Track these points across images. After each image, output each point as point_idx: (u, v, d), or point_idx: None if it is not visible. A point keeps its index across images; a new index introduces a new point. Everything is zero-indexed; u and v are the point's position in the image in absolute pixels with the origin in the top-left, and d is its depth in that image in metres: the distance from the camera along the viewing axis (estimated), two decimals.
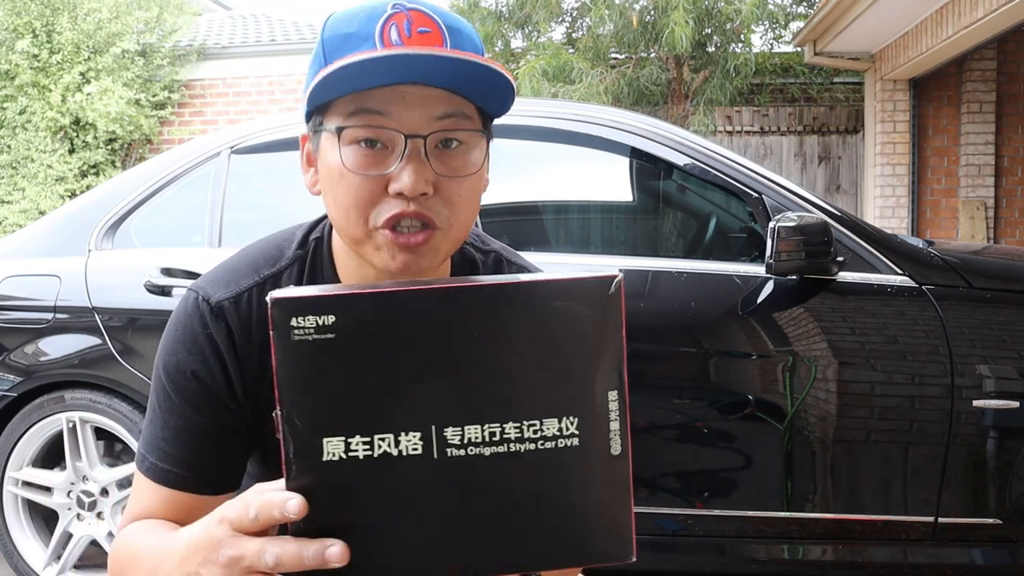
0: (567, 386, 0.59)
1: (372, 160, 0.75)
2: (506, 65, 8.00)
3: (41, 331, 2.41)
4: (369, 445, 0.57)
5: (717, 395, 2.13)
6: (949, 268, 2.13)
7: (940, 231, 7.17)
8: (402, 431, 0.57)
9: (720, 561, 2.15)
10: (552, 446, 0.59)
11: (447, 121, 0.76)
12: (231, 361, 0.83)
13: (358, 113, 0.75)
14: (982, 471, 2.06)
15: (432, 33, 0.75)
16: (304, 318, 0.56)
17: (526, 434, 0.59)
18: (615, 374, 0.60)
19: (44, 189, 7.75)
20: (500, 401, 0.58)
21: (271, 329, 0.56)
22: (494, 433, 0.58)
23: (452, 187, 0.77)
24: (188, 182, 2.51)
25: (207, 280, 0.87)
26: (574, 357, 0.59)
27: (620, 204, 2.69)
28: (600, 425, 0.60)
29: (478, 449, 0.58)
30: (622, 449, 0.60)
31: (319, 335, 0.56)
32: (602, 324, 0.59)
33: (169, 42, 8.38)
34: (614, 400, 0.60)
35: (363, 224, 0.76)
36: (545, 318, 0.58)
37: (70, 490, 2.44)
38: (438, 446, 0.58)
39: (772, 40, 7.87)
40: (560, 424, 0.59)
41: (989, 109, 7.00)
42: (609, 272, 0.60)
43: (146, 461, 0.84)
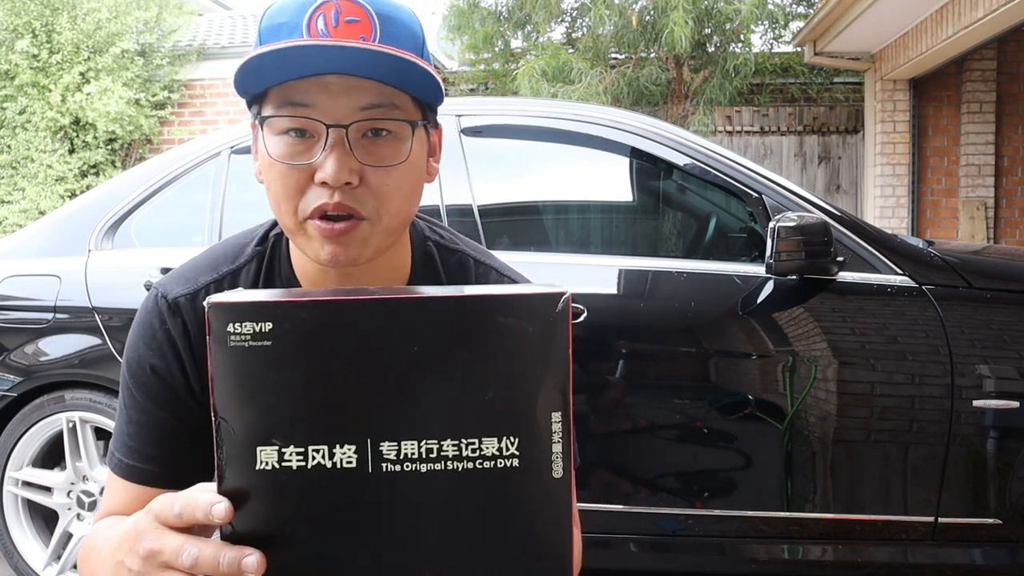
0: (509, 405, 0.57)
1: (298, 149, 0.75)
2: (505, 65, 8.01)
3: (41, 331, 2.41)
4: (303, 456, 0.56)
5: (717, 395, 2.13)
6: (949, 268, 2.13)
7: (940, 231, 7.17)
8: (337, 443, 0.56)
9: (720, 561, 2.15)
10: (491, 466, 0.57)
11: (373, 111, 0.75)
12: (187, 358, 0.83)
13: (284, 105, 0.75)
14: (982, 471, 2.06)
15: (361, 22, 0.74)
16: (241, 324, 0.55)
17: (464, 452, 0.57)
18: (560, 395, 0.58)
19: (44, 189, 7.75)
20: (439, 417, 0.57)
21: (207, 333, 0.55)
22: (431, 449, 0.57)
23: (379, 177, 0.76)
24: (188, 182, 2.52)
25: (168, 277, 0.88)
26: (517, 375, 0.57)
27: (620, 204, 2.69)
28: (542, 446, 0.58)
29: (414, 465, 0.57)
30: (564, 472, 0.58)
31: (255, 342, 0.55)
32: (548, 343, 0.57)
33: (169, 42, 8.38)
34: (557, 422, 0.58)
35: (293, 214, 0.77)
36: (488, 334, 0.57)
37: (70, 490, 2.44)
38: (373, 460, 0.56)
39: (772, 40, 7.87)
40: (500, 444, 0.57)
41: (989, 109, 7.00)
42: (556, 289, 0.58)
43: (114, 458, 0.85)
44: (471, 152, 2.38)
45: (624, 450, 2.18)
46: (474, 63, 8.45)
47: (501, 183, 2.54)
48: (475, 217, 2.31)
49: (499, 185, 2.52)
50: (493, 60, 8.19)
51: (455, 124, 2.39)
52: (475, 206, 2.33)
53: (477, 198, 2.34)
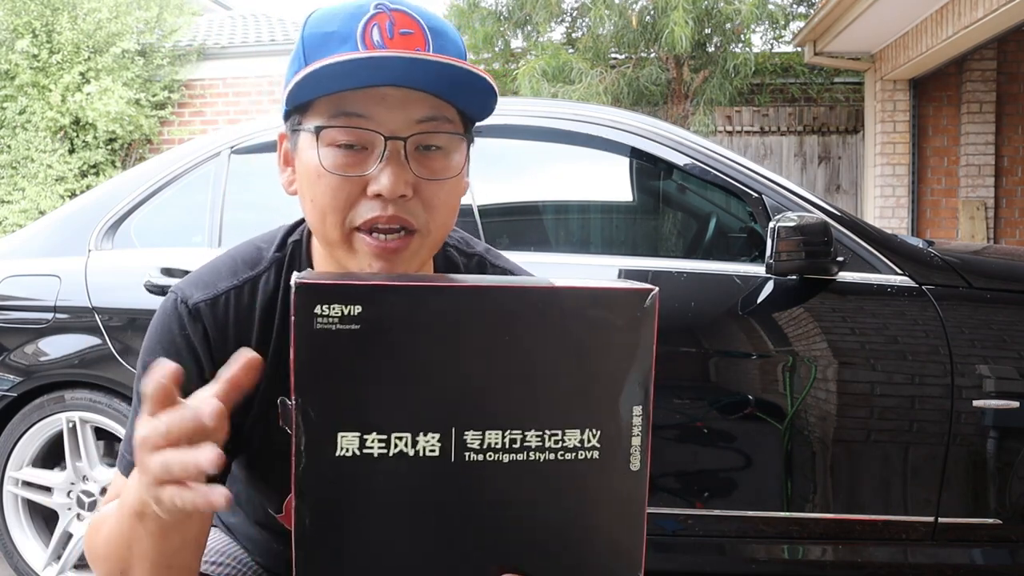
0: (592, 398, 0.57)
1: (351, 161, 0.74)
2: (505, 65, 8.01)
3: (41, 331, 2.41)
4: (385, 443, 0.55)
5: (717, 395, 2.13)
6: (949, 268, 2.13)
7: (940, 231, 7.17)
8: (421, 431, 0.55)
9: (720, 561, 2.15)
10: (572, 457, 0.57)
11: (428, 124, 0.75)
12: (207, 362, 0.82)
13: (338, 115, 0.73)
14: (982, 471, 2.06)
15: (415, 35, 0.74)
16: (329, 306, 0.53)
17: (547, 443, 0.57)
18: (642, 390, 0.59)
19: (44, 189, 7.75)
20: (523, 407, 0.56)
21: (293, 314, 0.53)
22: (514, 440, 0.56)
23: (431, 190, 0.76)
24: (188, 182, 2.51)
25: (187, 282, 0.87)
26: (602, 369, 0.57)
27: (620, 204, 2.69)
28: (622, 440, 0.58)
29: (497, 455, 0.56)
30: (641, 465, 0.59)
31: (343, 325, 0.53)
32: (634, 338, 0.58)
33: (169, 42, 8.38)
34: (638, 416, 0.59)
35: (340, 226, 0.75)
36: (576, 326, 0.56)
37: (70, 490, 2.44)
38: (456, 449, 0.55)
39: (772, 40, 7.88)
40: (582, 436, 0.57)
41: (989, 109, 7.00)
42: (645, 286, 0.58)
43: (125, 460, 0.83)
44: (471, 152, 2.38)
45: None
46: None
47: (501, 183, 2.54)
48: (475, 217, 2.31)
49: (499, 185, 2.52)
50: (493, 60, 8.19)
51: None
52: (475, 206, 2.33)
53: (477, 198, 2.34)
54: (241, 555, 1.06)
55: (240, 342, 0.84)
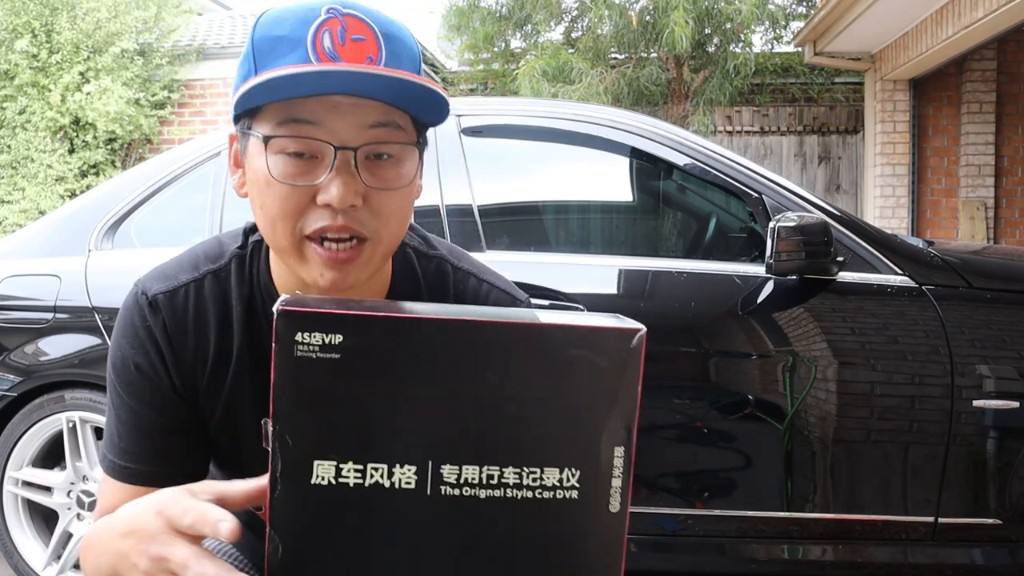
0: (573, 437, 0.57)
1: (300, 170, 0.73)
2: (505, 65, 8.01)
3: (41, 331, 2.41)
4: (361, 473, 0.55)
5: (717, 395, 2.13)
6: (949, 268, 2.13)
7: (940, 231, 7.17)
8: (397, 462, 0.55)
9: (720, 561, 2.15)
10: (550, 496, 0.57)
11: (379, 131, 0.74)
12: (168, 353, 0.83)
13: (288, 122, 0.72)
14: (982, 471, 2.06)
15: (367, 41, 0.72)
16: (311, 334, 0.53)
17: (525, 481, 0.56)
18: (624, 431, 0.57)
19: (44, 189, 7.75)
20: (502, 443, 0.56)
21: (274, 341, 0.54)
22: (492, 476, 0.56)
23: (382, 199, 0.75)
24: (188, 182, 2.51)
25: (149, 275, 0.88)
26: (585, 408, 0.57)
27: (620, 204, 2.69)
28: (602, 480, 0.57)
29: (473, 490, 0.56)
30: (621, 507, 0.58)
31: (324, 353, 0.54)
32: (619, 378, 0.57)
33: (169, 41, 8.38)
34: (619, 456, 0.58)
35: (290, 234, 0.75)
36: (561, 364, 0.56)
37: (70, 490, 2.44)
38: (432, 482, 0.55)
39: (772, 40, 7.87)
40: (561, 475, 0.57)
41: (989, 109, 7.00)
42: (632, 325, 0.57)
43: (106, 460, 0.84)
44: (471, 152, 2.38)
45: None
46: (474, 63, 8.44)
47: (501, 183, 2.54)
48: (475, 217, 2.31)
49: (499, 185, 2.52)
50: (493, 60, 8.19)
51: (455, 124, 2.38)
52: (475, 206, 2.33)
53: (477, 198, 2.34)
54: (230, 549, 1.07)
55: (199, 334, 0.84)
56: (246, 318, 0.85)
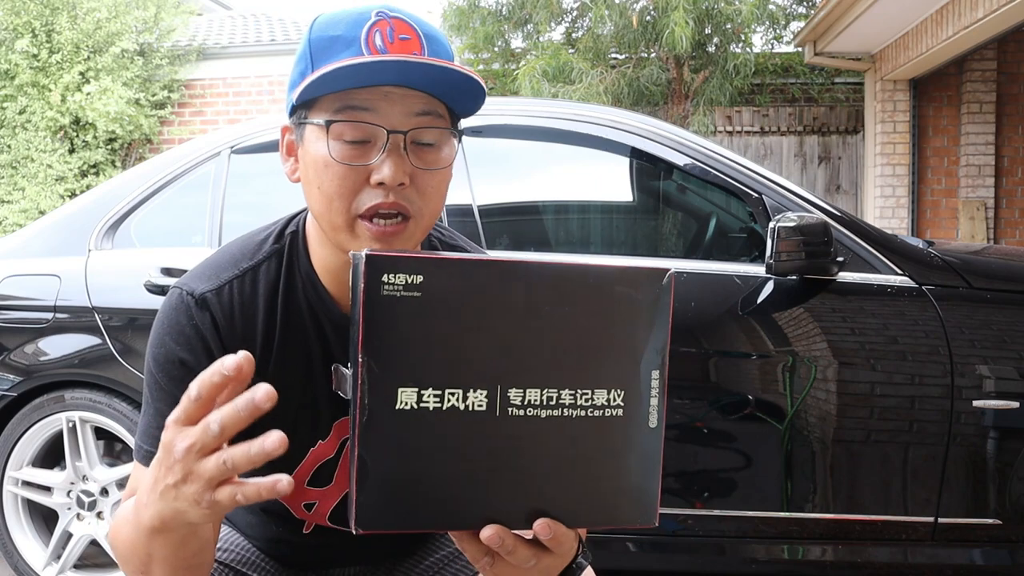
0: (617, 362, 0.65)
1: (356, 152, 0.81)
2: (505, 65, 8.02)
3: (41, 331, 2.41)
4: (440, 398, 0.61)
5: (717, 395, 2.13)
6: (949, 268, 2.13)
7: (940, 231, 7.17)
8: (471, 388, 0.62)
9: (720, 561, 2.15)
10: (600, 414, 0.65)
11: (424, 119, 0.82)
12: (217, 349, 0.87)
13: (345, 109, 0.81)
14: (982, 471, 2.06)
15: (411, 40, 0.82)
16: (395, 275, 0.60)
17: (579, 401, 0.64)
18: (659, 356, 0.67)
19: (44, 189, 7.75)
20: (559, 369, 0.64)
21: (362, 282, 0.59)
22: (551, 397, 0.63)
23: (425, 179, 0.83)
24: (188, 182, 2.51)
25: (190, 276, 0.92)
26: (626, 337, 0.65)
27: (620, 204, 2.69)
28: (642, 399, 0.66)
29: (535, 411, 0.63)
30: (658, 423, 0.67)
31: (407, 292, 0.60)
32: (653, 310, 0.66)
33: (168, 41, 8.38)
34: (656, 379, 0.67)
35: (345, 212, 0.82)
36: (604, 299, 0.64)
37: (70, 490, 2.44)
38: (501, 404, 0.62)
39: (772, 40, 7.88)
40: (609, 395, 0.65)
41: (989, 109, 7.00)
42: (663, 265, 0.67)
43: (142, 450, 0.86)
44: (471, 152, 2.38)
45: None
46: (474, 63, 8.44)
47: (501, 183, 2.54)
48: (475, 217, 2.31)
49: (499, 185, 2.52)
50: (493, 60, 8.19)
51: None
52: (475, 206, 2.33)
53: (477, 198, 2.34)
54: (240, 541, 1.09)
55: (247, 329, 0.89)
56: (286, 303, 0.91)
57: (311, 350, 0.91)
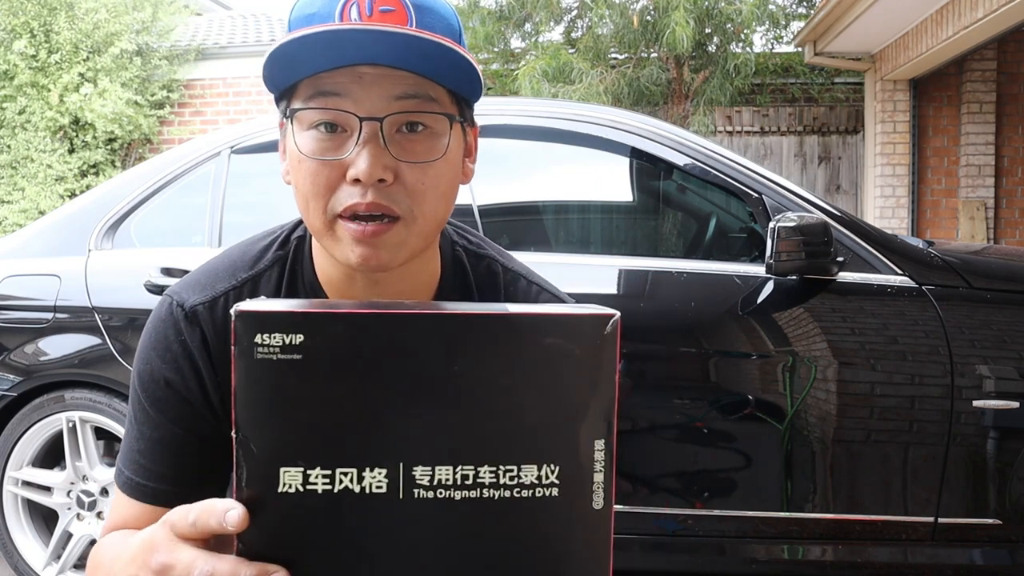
0: (550, 431, 0.54)
1: (330, 145, 0.71)
2: (505, 65, 8.01)
3: (41, 331, 2.41)
4: (330, 479, 0.52)
5: (717, 395, 2.13)
6: (949, 268, 2.13)
7: (940, 231, 7.17)
8: (367, 466, 0.53)
9: (720, 561, 2.15)
10: (529, 495, 0.54)
11: (408, 102, 0.71)
12: (206, 369, 0.79)
13: (314, 96, 0.71)
14: (982, 471, 2.06)
15: (396, 12, 0.70)
16: (270, 335, 0.51)
17: (502, 480, 0.54)
18: (604, 422, 0.55)
19: (44, 189, 7.75)
20: (476, 441, 0.54)
21: (232, 343, 0.51)
22: (467, 476, 0.53)
23: (414, 174, 0.71)
24: (188, 182, 2.51)
25: (183, 284, 0.83)
26: (561, 400, 0.54)
27: (620, 204, 2.69)
28: (583, 476, 0.55)
29: (448, 492, 0.53)
30: (604, 503, 0.56)
31: (284, 355, 0.51)
32: (594, 367, 0.54)
33: (167, 41, 8.38)
34: (600, 450, 0.55)
35: (322, 213, 0.72)
36: (533, 355, 0.54)
37: (70, 490, 2.44)
38: (405, 485, 0.53)
39: (772, 40, 7.87)
40: (540, 472, 0.54)
41: (989, 109, 7.00)
42: (605, 311, 0.55)
43: (122, 475, 0.80)
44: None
45: (624, 450, 2.17)
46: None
47: (501, 183, 2.54)
48: (475, 217, 2.31)
49: (499, 185, 2.52)
50: (493, 60, 8.19)
51: None
52: (475, 206, 2.33)
53: (477, 198, 2.34)
54: None
55: None
56: None
57: None
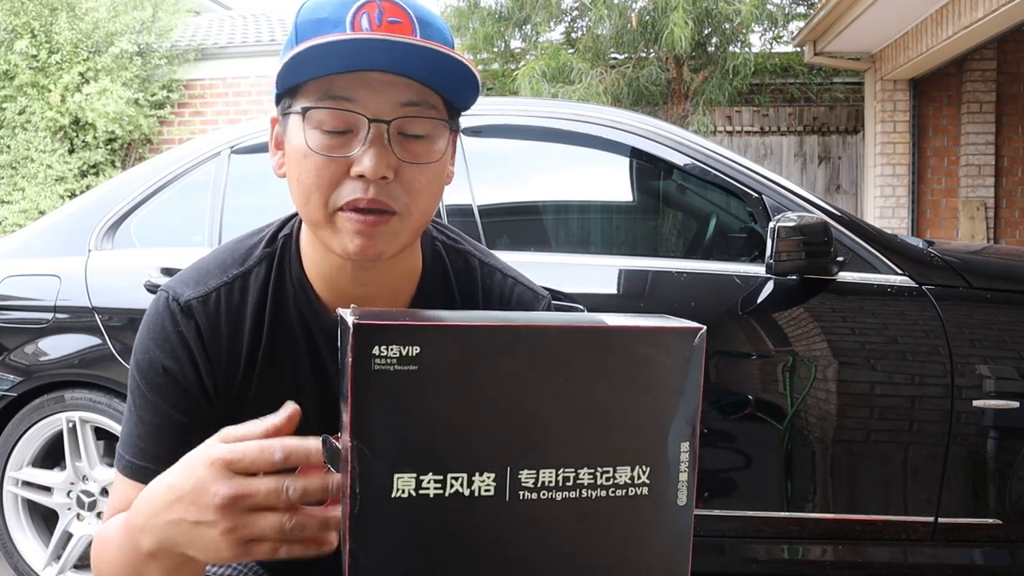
0: (643, 435, 0.58)
1: (336, 142, 0.76)
2: (505, 65, 8.01)
3: (41, 331, 2.41)
4: (441, 484, 0.55)
5: (717, 395, 2.13)
6: (949, 268, 2.13)
7: (940, 231, 7.17)
8: (476, 471, 0.55)
9: (720, 561, 2.15)
10: (623, 494, 0.58)
11: (412, 108, 0.77)
12: (201, 358, 0.84)
13: (325, 97, 0.76)
14: (982, 471, 2.06)
15: (402, 24, 0.76)
16: (388, 347, 0.53)
17: (599, 480, 0.58)
18: (689, 426, 0.59)
19: (44, 189, 7.75)
20: (576, 445, 0.57)
21: (350, 355, 0.53)
22: (568, 478, 0.57)
23: (413, 174, 0.77)
24: (188, 182, 2.51)
25: (178, 280, 0.88)
26: (652, 406, 0.58)
27: (620, 204, 2.69)
28: (670, 475, 0.59)
29: (550, 493, 0.57)
30: (688, 500, 0.60)
31: (401, 366, 0.53)
32: (683, 375, 0.59)
33: (168, 41, 8.38)
34: (686, 452, 0.60)
35: (323, 206, 0.77)
36: (628, 365, 0.57)
37: (70, 490, 2.44)
38: (511, 488, 0.56)
39: (772, 40, 7.87)
40: (632, 472, 0.58)
41: (989, 109, 7.00)
42: (694, 324, 0.60)
43: (123, 459, 0.84)
44: (471, 152, 2.38)
45: None
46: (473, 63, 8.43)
47: (501, 183, 2.54)
48: (475, 217, 2.31)
49: (499, 185, 2.52)
50: (493, 60, 8.19)
51: None
52: (475, 206, 2.33)
53: (477, 198, 2.34)
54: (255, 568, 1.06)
55: (232, 339, 0.86)
56: (276, 312, 0.87)
57: (300, 362, 0.87)
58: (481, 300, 0.93)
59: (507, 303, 0.94)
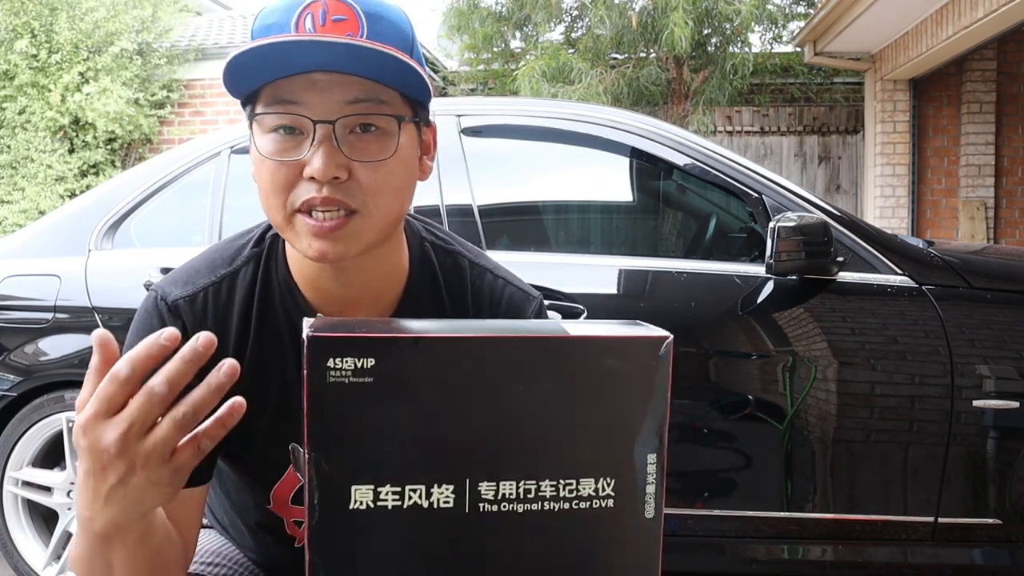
0: (607, 446, 0.58)
1: (288, 146, 0.77)
2: (505, 65, 8.01)
3: (41, 331, 2.41)
4: (399, 495, 0.55)
5: (717, 395, 2.13)
6: (949, 268, 2.13)
7: (940, 231, 7.17)
8: (435, 483, 0.55)
9: (720, 561, 2.15)
10: (587, 506, 0.58)
11: (359, 106, 0.76)
12: None
13: (273, 102, 0.77)
14: (982, 471, 2.06)
15: (348, 21, 0.75)
16: (342, 359, 0.53)
17: (561, 493, 0.57)
18: (656, 438, 0.59)
19: (44, 189, 7.74)
20: (537, 457, 0.57)
21: (305, 367, 0.53)
22: (529, 490, 0.56)
23: (367, 172, 0.77)
24: (188, 182, 2.51)
25: (167, 280, 0.89)
26: (617, 417, 0.58)
27: (620, 204, 2.69)
28: (636, 488, 0.58)
29: (511, 505, 0.56)
30: (655, 513, 0.59)
31: (356, 378, 0.53)
32: (649, 385, 0.58)
33: (168, 41, 8.37)
34: (652, 463, 0.59)
35: (282, 208, 0.77)
36: (591, 375, 0.57)
37: (70, 490, 2.44)
38: (471, 500, 0.56)
39: (772, 40, 7.88)
40: (596, 484, 0.58)
41: (989, 109, 7.00)
42: (660, 333, 0.58)
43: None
44: (471, 152, 2.38)
45: None
46: (474, 63, 8.44)
47: (501, 183, 2.54)
48: (475, 217, 2.31)
49: (499, 185, 2.52)
50: (493, 60, 8.19)
51: (455, 124, 2.38)
52: (475, 206, 2.33)
53: (477, 198, 2.34)
54: (236, 555, 1.06)
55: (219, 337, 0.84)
56: (262, 311, 0.87)
57: (287, 360, 0.87)
58: (471, 301, 0.92)
59: (497, 304, 0.93)
